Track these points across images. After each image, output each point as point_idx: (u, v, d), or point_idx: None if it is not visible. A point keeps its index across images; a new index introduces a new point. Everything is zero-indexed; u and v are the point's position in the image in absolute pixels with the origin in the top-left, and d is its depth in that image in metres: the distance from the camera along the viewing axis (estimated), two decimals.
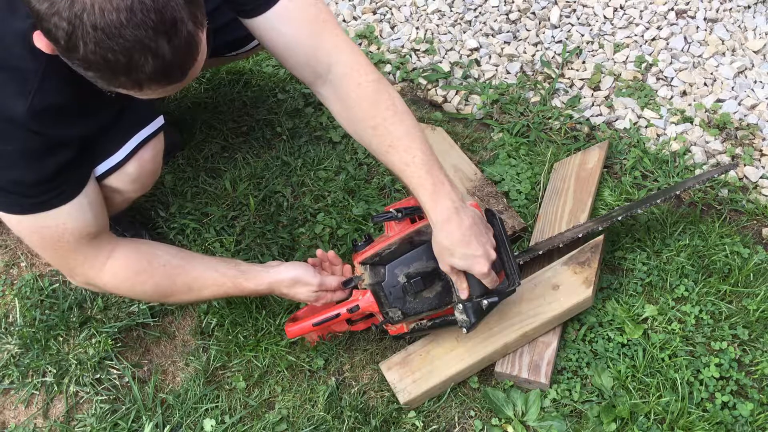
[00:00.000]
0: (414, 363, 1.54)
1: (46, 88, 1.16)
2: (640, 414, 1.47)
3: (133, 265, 1.37)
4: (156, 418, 1.55)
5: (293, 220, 1.87)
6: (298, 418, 1.53)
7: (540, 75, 2.25)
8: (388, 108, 1.34)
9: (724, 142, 2.00)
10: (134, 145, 1.38)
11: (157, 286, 1.40)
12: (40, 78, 1.15)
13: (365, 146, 1.41)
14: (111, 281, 1.37)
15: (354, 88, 1.35)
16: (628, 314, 1.60)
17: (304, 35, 1.35)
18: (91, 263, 1.34)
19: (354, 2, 2.54)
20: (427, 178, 1.31)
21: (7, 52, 1.14)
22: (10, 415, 1.61)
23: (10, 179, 1.20)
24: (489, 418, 1.51)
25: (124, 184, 1.41)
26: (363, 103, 1.35)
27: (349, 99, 1.36)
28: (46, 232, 1.27)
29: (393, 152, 1.33)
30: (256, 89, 2.20)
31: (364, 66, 1.37)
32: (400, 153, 1.32)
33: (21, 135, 1.17)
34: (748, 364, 1.55)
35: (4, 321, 1.73)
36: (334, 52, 1.36)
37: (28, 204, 1.24)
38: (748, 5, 2.34)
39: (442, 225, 1.31)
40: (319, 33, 1.35)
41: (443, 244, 1.32)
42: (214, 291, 1.43)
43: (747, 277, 1.66)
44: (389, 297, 1.43)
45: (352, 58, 1.37)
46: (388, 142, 1.33)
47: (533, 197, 1.87)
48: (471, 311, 1.39)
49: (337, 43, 1.36)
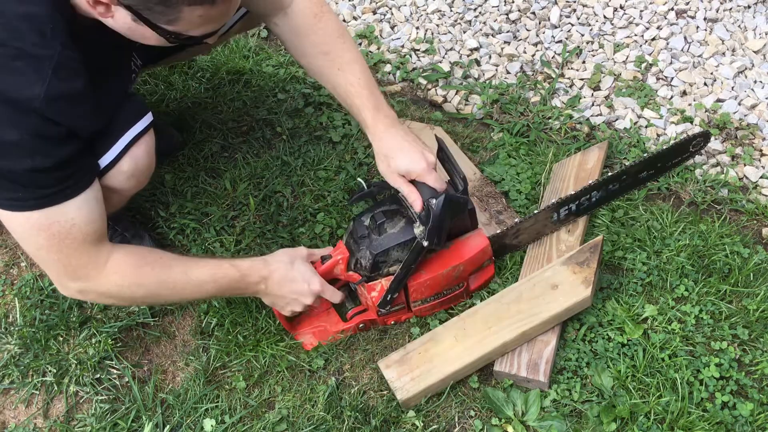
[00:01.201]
0: (412, 361, 1.54)
1: (61, 76, 1.19)
2: (640, 414, 1.47)
3: (134, 260, 1.38)
4: (156, 418, 1.55)
5: (293, 220, 1.87)
6: (298, 418, 1.53)
7: (540, 75, 2.25)
8: (339, 36, 1.53)
9: (724, 142, 2.00)
10: (126, 142, 1.41)
11: (157, 275, 1.40)
12: (54, 65, 1.18)
13: (313, 71, 1.58)
14: (113, 279, 1.36)
15: (311, 17, 1.52)
16: (628, 314, 1.60)
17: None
18: (94, 263, 1.34)
19: (354, 2, 2.55)
20: (369, 98, 1.48)
21: (24, 41, 1.16)
22: (10, 415, 1.61)
23: (28, 168, 1.20)
24: (489, 417, 1.51)
25: (120, 182, 1.43)
26: (319, 31, 1.52)
27: (305, 27, 1.52)
28: (55, 228, 1.26)
29: (341, 74, 1.50)
30: (256, 89, 2.20)
31: (321, 1, 1.54)
32: (347, 75, 1.50)
33: (38, 122, 1.18)
34: (748, 364, 1.54)
35: (4, 321, 1.73)
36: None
37: (44, 195, 1.23)
38: (748, 5, 2.34)
39: (381, 136, 1.47)
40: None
41: (384, 153, 1.47)
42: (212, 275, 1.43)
43: (747, 277, 1.66)
44: (357, 241, 1.51)
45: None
46: (338, 66, 1.51)
47: (533, 197, 1.87)
48: (424, 217, 1.44)
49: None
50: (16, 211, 1.25)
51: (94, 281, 1.35)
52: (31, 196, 1.23)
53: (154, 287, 1.41)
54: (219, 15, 1.17)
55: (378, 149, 1.49)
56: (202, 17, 1.14)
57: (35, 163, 1.20)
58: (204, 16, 1.14)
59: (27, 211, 1.24)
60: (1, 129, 1.17)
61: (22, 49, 1.16)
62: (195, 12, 1.13)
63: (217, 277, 1.44)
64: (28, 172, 1.20)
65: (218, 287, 1.46)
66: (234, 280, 1.46)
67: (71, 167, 1.26)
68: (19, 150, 1.18)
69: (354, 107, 1.50)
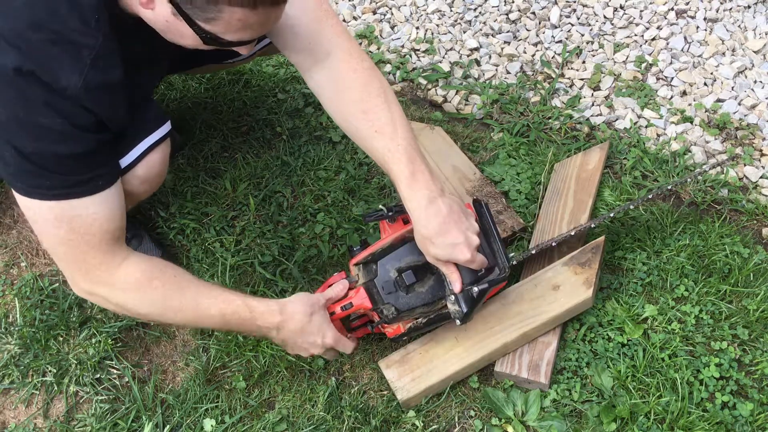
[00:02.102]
0: (413, 361, 1.54)
1: (100, 66, 1.19)
2: (640, 414, 1.47)
3: (147, 270, 1.34)
4: (156, 418, 1.55)
5: (293, 220, 1.87)
6: (298, 418, 1.53)
7: (540, 75, 2.25)
8: (379, 95, 1.38)
9: (724, 142, 2.00)
10: (145, 148, 1.42)
11: (166, 294, 1.35)
12: (95, 55, 1.18)
13: (349, 131, 1.43)
14: (123, 285, 1.32)
15: (350, 73, 1.40)
16: (628, 314, 1.60)
17: (307, 20, 1.39)
18: (107, 264, 1.31)
19: (354, 2, 2.54)
20: (407, 166, 1.32)
21: (64, 25, 1.16)
22: (10, 415, 1.61)
23: (58, 154, 1.20)
24: (489, 418, 1.51)
25: (133, 187, 1.43)
26: (356, 87, 1.39)
27: (343, 83, 1.40)
28: (77, 221, 1.25)
29: (379, 137, 1.36)
30: (256, 89, 2.20)
31: (360, 54, 1.42)
32: (385, 139, 1.35)
33: (74, 110, 1.19)
34: (748, 364, 1.54)
35: (4, 321, 1.73)
36: (334, 39, 1.41)
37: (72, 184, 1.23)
38: (748, 5, 2.34)
39: (419, 215, 1.32)
40: (321, 19, 1.40)
41: (423, 234, 1.33)
42: (222, 309, 1.36)
43: (747, 277, 1.66)
44: (382, 292, 1.44)
45: (350, 46, 1.42)
46: (376, 128, 1.36)
47: (533, 197, 1.87)
48: (462, 300, 1.38)
49: (337, 30, 1.42)
50: (41, 200, 1.23)
51: (104, 284, 1.33)
52: (59, 185, 1.22)
53: (159, 306, 1.36)
54: (258, 23, 1.15)
55: (417, 229, 1.34)
56: (241, 21, 1.13)
57: (68, 148, 1.20)
58: (243, 21, 1.13)
59: (52, 200, 1.23)
60: (36, 111, 1.17)
61: (60, 34, 1.16)
62: (235, 14, 1.11)
63: (226, 313, 1.36)
64: (60, 157, 1.20)
65: (226, 323, 1.38)
66: (244, 320, 1.38)
67: (100, 160, 1.27)
68: (52, 133, 1.18)
69: (392, 174, 1.35)
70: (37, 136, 1.18)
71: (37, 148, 1.19)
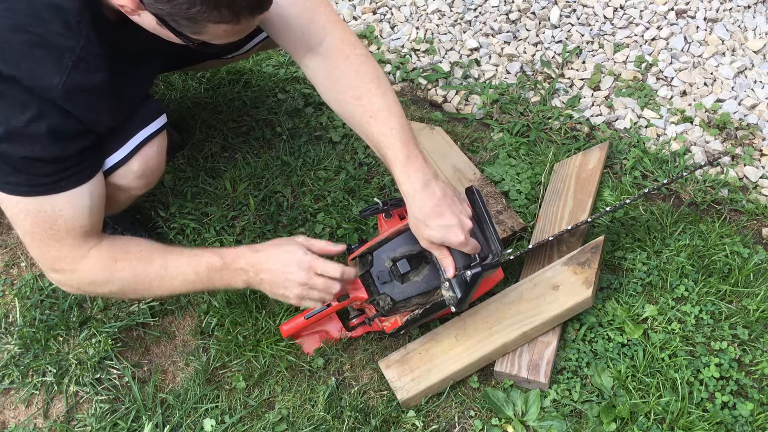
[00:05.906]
0: (413, 361, 1.54)
1: (82, 68, 1.20)
2: (640, 414, 1.47)
3: (112, 254, 1.35)
4: (156, 418, 1.55)
5: (293, 220, 1.87)
6: (298, 418, 1.53)
7: (540, 75, 2.25)
8: (372, 81, 1.40)
9: (724, 142, 2.00)
10: (138, 142, 1.41)
11: (133, 271, 1.34)
12: (77, 57, 1.19)
13: (345, 117, 1.46)
14: (89, 273, 1.34)
15: (343, 60, 1.41)
16: (628, 314, 1.60)
17: (299, 9, 1.41)
18: (72, 257, 1.33)
19: (354, 2, 2.54)
20: (401, 150, 1.34)
21: (46, 29, 1.17)
22: (10, 415, 1.61)
23: (29, 156, 1.21)
24: (489, 418, 1.51)
25: (129, 181, 1.43)
26: (350, 74, 1.41)
27: (337, 70, 1.41)
28: (41, 217, 1.27)
29: (373, 122, 1.37)
30: (256, 89, 2.20)
31: (354, 40, 1.44)
32: (379, 124, 1.37)
33: (53, 113, 1.19)
34: (748, 364, 1.54)
35: (4, 321, 1.73)
36: (328, 26, 1.43)
37: (36, 184, 1.24)
38: (748, 5, 2.34)
39: (413, 197, 1.33)
40: (313, 8, 1.43)
41: (417, 217, 1.34)
42: (193, 266, 1.35)
43: (747, 277, 1.66)
44: (377, 282, 1.45)
45: (342, 33, 1.44)
46: (370, 113, 1.38)
47: (533, 197, 1.87)
48: (456, 285, 1.38)
49: (330, 18, 1.44)
50: (8, 194, 1.26)
51: (69, 274, 1.36)
52: (25, 183, 1.24)
53: (130, 283, 1.35)
54: (245, 29, 1.18)
55: (411, 212, 1.35)
56: (226, 32, 1.16)
57: (38, 153, 1.20)
58: (228, 31, 1.16)
59: (18, 195, 1.25)
60: (11, 113, 1.17)
61: (43, 37, 1.16)
62: (220, 28, 1.14)
63: (198, 269, 1.35)
64: (27, 159, 1.21)
65: (200, 279, 1.35)
66: (216, 268, 1.35)
67: (75, 160, 1.27)
68: (23, 136, 1.19)
69: (386, 159, 1.37)
70: (9, 137, 1.19)
71: (8, 148, 1.20)
